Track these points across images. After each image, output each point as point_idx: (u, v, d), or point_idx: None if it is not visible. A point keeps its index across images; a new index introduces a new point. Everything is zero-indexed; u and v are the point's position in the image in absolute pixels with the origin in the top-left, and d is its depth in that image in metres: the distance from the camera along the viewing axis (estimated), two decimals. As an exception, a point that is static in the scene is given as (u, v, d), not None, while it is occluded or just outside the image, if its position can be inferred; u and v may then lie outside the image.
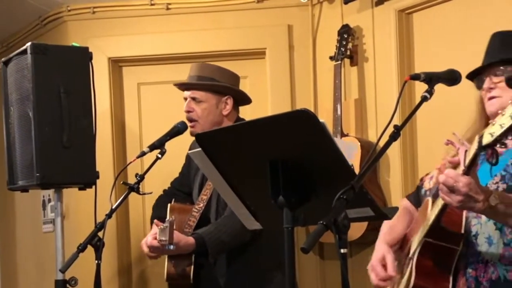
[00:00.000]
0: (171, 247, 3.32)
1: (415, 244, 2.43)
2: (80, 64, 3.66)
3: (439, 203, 2.31)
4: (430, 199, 2.46)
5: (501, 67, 2.48)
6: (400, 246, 2.62)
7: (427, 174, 2.76)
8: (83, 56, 3.68)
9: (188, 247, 3.38)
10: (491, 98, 2.50)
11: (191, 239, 3.39)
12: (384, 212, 2.15)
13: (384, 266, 2.50)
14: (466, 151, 2.15)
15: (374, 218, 2.14)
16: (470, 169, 2.14)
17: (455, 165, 2.28)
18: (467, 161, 2.13)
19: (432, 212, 2.36)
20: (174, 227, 3.33)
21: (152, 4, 4.69)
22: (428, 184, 2.69)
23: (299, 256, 3.94)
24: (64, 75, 3.61)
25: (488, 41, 2.59)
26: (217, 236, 3.38)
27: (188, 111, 3.60)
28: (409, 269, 2.41)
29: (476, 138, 2.08)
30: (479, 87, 2.56)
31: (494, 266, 2.35)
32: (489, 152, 2.05)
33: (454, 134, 2.37)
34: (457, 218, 2.35)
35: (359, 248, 4.15)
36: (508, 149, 2.38)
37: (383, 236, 2.63)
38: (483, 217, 2.37)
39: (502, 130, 1.97)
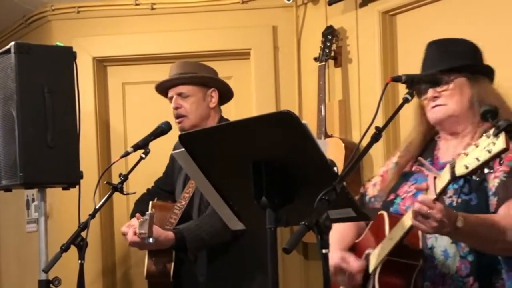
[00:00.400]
0: (150, 240, 3.29)
1: (374, 260, 2.41)
2: (64, 63, 3.64)
3: (405, 224, 2.29)
4: (385, 214, 2.44)
5: (445, 77, 2.49)
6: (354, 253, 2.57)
7: (369, 181, 2.77)
8: (67, 55, 3.66)
9: (168, 242, 3.37)
10: (435, 106, 2.52)
11: (170, 234, 3.38)
12: (365, 213, 2.17)
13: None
14: (435, 177, 2.18)
15: (356, 219, 2.15)
16: (440, 196, 2.17)
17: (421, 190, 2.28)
18: (439, 189, 2.16)
19: (395, 232, 2.34)
20: (154, 220, 3.32)
21: (136, 4, 4.69)
22: (372, 191, 2.70)
23: (283, 256, 3.91)
24: (48, 75, 3.59)
25: (425, 51, 2.60)
26: (197, 233, 3.38)
27: (176, 108, 3.61)
28: (370, 286, 2.40)
29: (448, 168, 2.11)
30: (420, 95, 2.56)
31: (451, 279, 2.36)
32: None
33: (420, 159, 2.41)
34: (416, 233, 2.35)
35: (342, 248, 4.16)
36: None
37: (335, 245, 2.51)
38: None
39: (478, 163, 2.00)
